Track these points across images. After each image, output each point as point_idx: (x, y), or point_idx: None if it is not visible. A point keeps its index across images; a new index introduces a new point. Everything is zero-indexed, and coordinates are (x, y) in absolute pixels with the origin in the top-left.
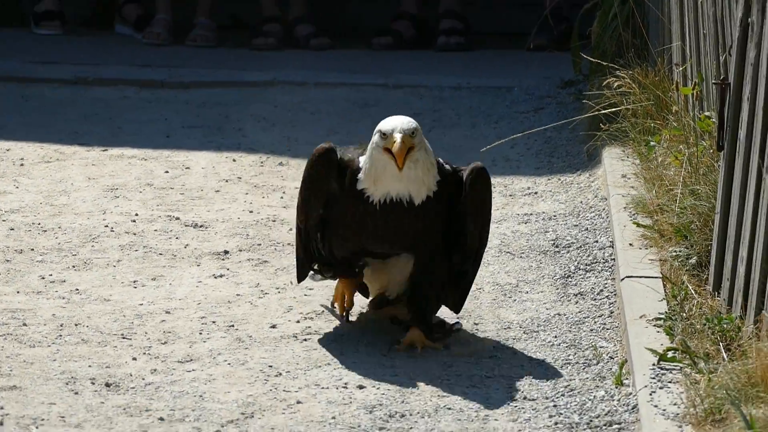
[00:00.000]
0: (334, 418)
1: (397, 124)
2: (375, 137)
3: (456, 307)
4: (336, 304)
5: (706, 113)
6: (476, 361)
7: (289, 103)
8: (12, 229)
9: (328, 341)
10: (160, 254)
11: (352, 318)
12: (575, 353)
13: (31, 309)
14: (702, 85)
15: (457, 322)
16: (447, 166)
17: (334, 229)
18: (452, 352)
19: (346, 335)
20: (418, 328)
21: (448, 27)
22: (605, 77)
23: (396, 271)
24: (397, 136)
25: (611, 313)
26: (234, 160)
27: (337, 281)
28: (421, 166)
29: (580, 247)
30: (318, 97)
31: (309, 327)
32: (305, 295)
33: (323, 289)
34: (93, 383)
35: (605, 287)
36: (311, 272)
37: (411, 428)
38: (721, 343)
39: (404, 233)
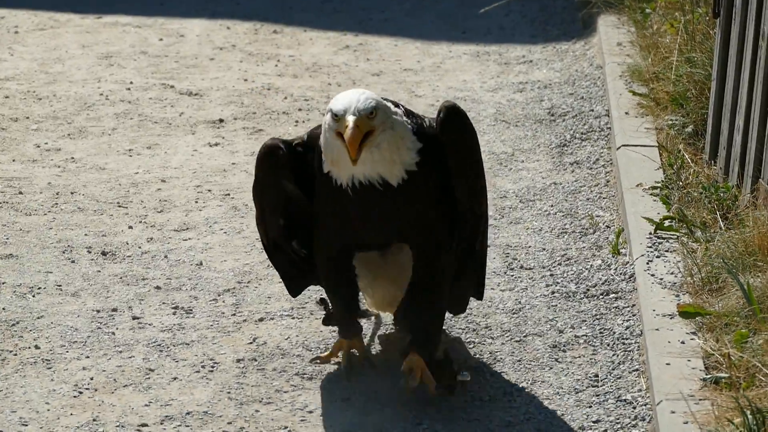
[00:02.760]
0: None
1: (351, 102)
2: (327, 116)
3: (477, 293)
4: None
5: None
6: None
7: None
8: (7, 97)
9: None
10: (155, 122)
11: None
12: (572, 222)
13: (26, 177)
14: None
15: (465, 373)
16: (426, 122)
17: (319, 223)
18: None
19: None
20: (417, 353)
21: None
22: None
23: (392, 271)
24: (350, 120)
25: (607, 182)
26: (228, 28)
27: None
28: (387, 147)
29: (576, 115)
30: None
31: None
32: None
33: None
34: (89, 252)
35: (601, 156)
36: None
37: None
38: (717, 212)
39: (389, 219)
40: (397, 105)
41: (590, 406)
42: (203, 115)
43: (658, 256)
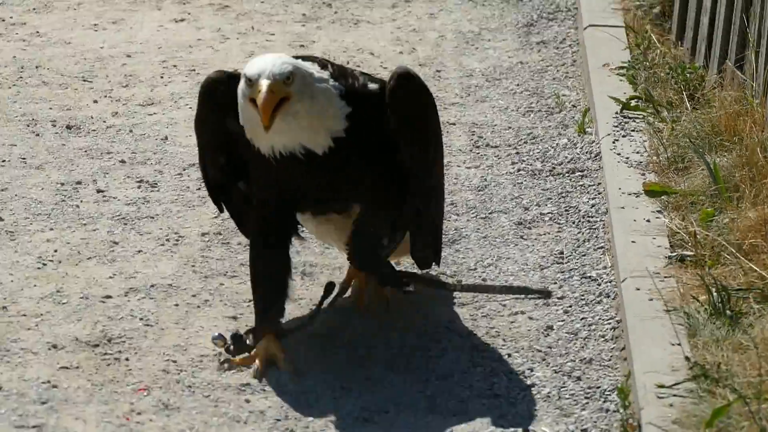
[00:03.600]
0: None
1: (265, 67)
2: (240, 82)
3: (429, 260)
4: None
5: None
6: (440, 108)
7: None
8: None
9: None
10: None
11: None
12: (538, 101)
13: None
14: None
15: (411, 285)
16: (372, 84)
17: (252, 176)
18: None
19: None
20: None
21: None
22: None
23: (335, 227)
24: (263, 84)
25: (574, 62)
26: None
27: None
28: (306, 115)
29: None
30: None
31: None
32: (267, 40)
33: (284, 36)
34: (54, 125)
35: (568, 36)
36: None
37: None
38: (684, 93)
39: (321, 189)
40: (326, 65)
41: (555, 282)
42: None
43: (624, 136)
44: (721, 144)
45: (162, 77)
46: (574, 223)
